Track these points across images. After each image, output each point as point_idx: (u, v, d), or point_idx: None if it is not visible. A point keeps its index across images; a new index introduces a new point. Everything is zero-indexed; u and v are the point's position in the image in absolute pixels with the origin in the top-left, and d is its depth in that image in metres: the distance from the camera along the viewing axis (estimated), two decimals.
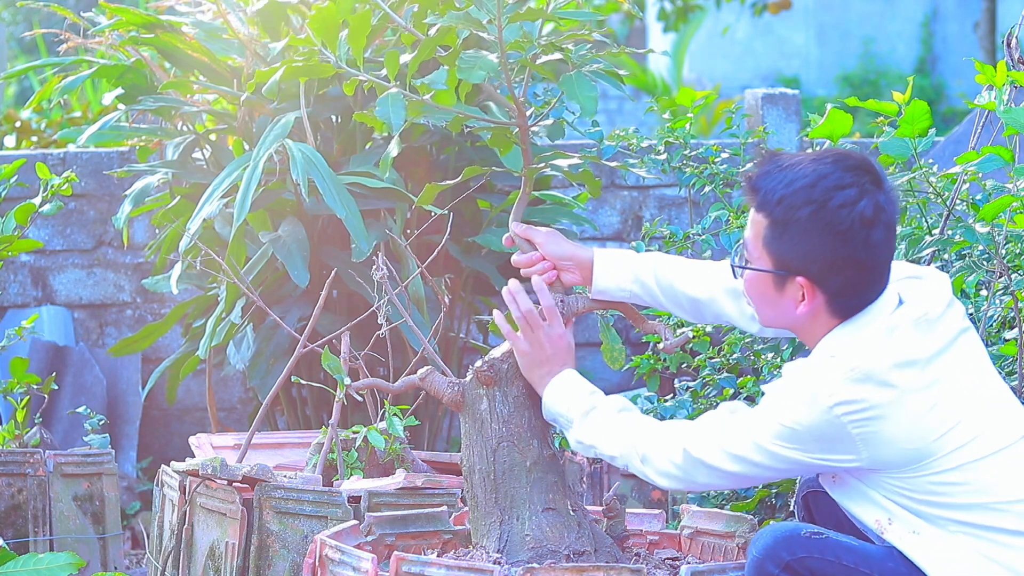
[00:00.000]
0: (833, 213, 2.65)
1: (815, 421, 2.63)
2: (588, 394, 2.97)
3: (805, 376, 2.67)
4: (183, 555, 3.68)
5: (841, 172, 2.68)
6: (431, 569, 2.89)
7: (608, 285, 3.08)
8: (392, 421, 3.80)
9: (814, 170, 2.69)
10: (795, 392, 2.66)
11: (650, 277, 3.07)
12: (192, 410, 5.87)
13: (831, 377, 2.63)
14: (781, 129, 5.86)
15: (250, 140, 4.70)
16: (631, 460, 2.86)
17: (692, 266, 3.09)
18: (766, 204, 2.71)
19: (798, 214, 2.67)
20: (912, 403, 2.63)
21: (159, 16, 4.68)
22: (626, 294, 3.10)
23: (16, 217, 4.23)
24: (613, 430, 2.90)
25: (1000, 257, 3.50)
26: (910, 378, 2.63)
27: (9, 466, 4.22)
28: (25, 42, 17.45)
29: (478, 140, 4.73)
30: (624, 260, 3.09)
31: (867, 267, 2.68)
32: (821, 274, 2.69)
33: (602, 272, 3.08)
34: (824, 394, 2.62)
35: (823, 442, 2.65)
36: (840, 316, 2.72)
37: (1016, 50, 3.90)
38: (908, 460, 2.64)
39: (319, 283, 4.39)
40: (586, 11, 3.10)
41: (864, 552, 2.71)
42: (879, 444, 2.63)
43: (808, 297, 2.71)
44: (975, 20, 13.81)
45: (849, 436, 2.63)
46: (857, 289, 2.70)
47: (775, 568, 2.70)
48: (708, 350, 4.13)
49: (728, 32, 15.38)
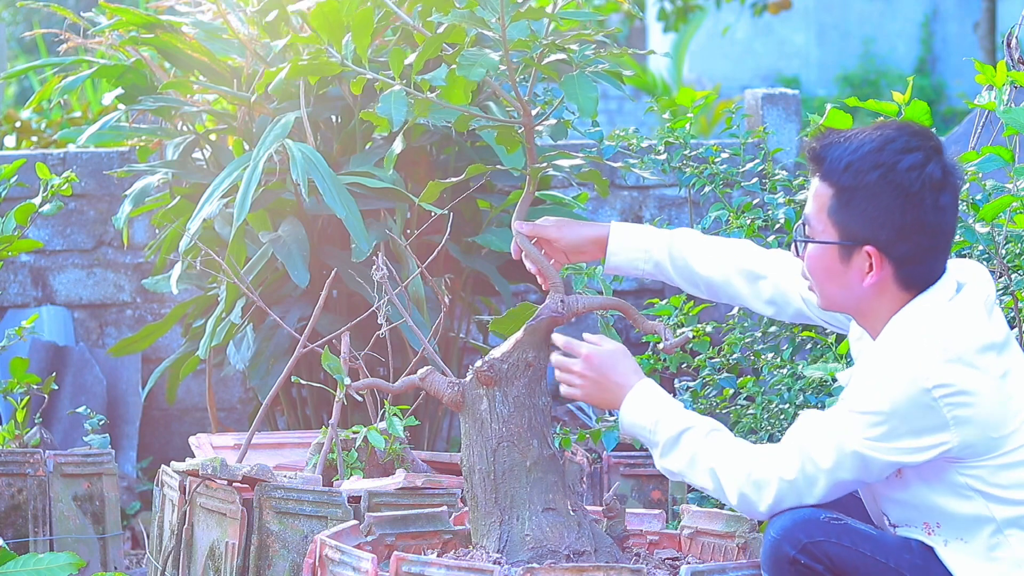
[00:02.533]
0: (903, 175, 2.65)
1: (913, 404, 2.61)
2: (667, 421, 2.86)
3: (901, 359, 2.63)
4: (183, 555, 3.68)
5: (907, 136, 2.68)
6: (431, 569, 2.89)
7: (621, 262, 3.08)
8: (392, 421, 3.80)
9: (880, 134, 2.68)
10: (892, 376, 2.62)
11: (664, 256, 3.05)
12: (192, 410, 5.87)
13: (929, 358, 2.60)
14: (781, 129, 5.86)
15: (250, 140, 4.70)
16: (722, 496, 2.79)
17: (709, 245, 3.06)
18: (832, 172, 2.70)
19: (867, 179, 2.66)
20: (995, 386, 2.63)
21: (159, 16, 4.68)
22: (639, 272, 3.09)
23: (16, 217, 4.23)
24: (696, 468, 2.81)
25: (1000, 257, 3.50)
26: (992, 362, 2.64)
27: (9, 466, 4.22)
28: (25, 42, 17.45)
29: (478, 140, 4.73)
30: (639, 238, 3.07)
31: (936, 232, 2.67)
32: (890, 241, 2.67)
33: (616, 249, 3.07)
34: (923, 376, 2.60)
35: (917, 427, 2.62)
36: (908, 288, 2.70)
37: (1016, 50, 3.90)
38: (988, 447, 2.64)
39: (319, 283, 4.39)
40: (586, 11, 3.10)
41: (882, 541, 2.71)
42: (969, 425, 2.62)
43: (876, 267, 2.69)
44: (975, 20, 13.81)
45: (944, 419, 2.61)
46: (925, 257, 2.68)
47: (792, 549, 2.69)
48: (708, 350, 4.13)
49: (728, 32, 15.37)
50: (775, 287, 3.07)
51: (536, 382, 3.08)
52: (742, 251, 3.08)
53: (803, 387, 3.91)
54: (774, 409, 3.97)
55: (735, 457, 2.76)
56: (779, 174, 4.42)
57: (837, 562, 2.68)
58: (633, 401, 2.90)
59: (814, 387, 3.89)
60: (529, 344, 3.07)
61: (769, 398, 3.98)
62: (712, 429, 2.82)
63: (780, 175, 4.41)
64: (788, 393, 3.92)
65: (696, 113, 4.66)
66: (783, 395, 3.93)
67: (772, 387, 3.99)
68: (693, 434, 2.81)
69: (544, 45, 3.00)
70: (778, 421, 3.96)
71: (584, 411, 5.15)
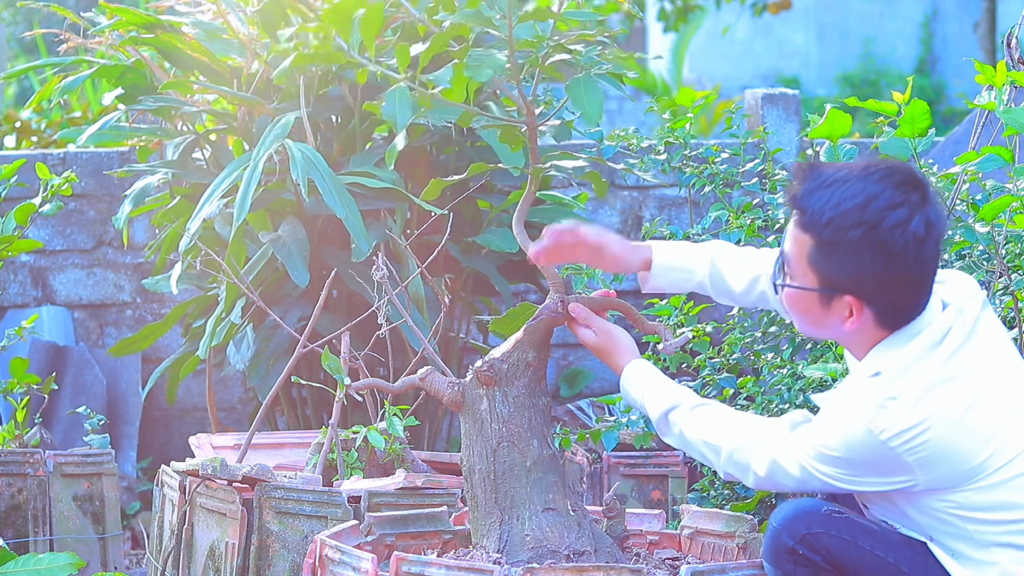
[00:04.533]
0: (886, 234, 2.61)
1: (870, 453, 2.63)
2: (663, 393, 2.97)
3: (857, 408, 2.64)
4: (183, 555, 3.68)
5: (891, 190, 2.63)
6: (431, 569, 2.89)
7: (664, 285, 3.06)
8: (392, 421, 3.80)
9: (863, 189, 2.63)
10: (848, 425, 2.64)
11: (706, 276, 3.03)
12: (192, 410, 5.87)
13: (887, 408, 2.61)
14: (781, 129, 5.86)
15: (250, 140, 4.70)
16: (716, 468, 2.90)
17: (743, 261, 3.03)
18: (813, 225, 2.66)
19: (848, 235, 2.63)
20: (958, 421, 2.62)
21: (159, 16, 4.68)
22: (680, 291, 3.09)
23: (16, 217, 4.23)
24: (687, 445, 2.92)
25: (1000, 257, 3.50)
26: (955, 396, 2.63)
27: (9, 466, 4.22)
28: (25, 42, 17.45)
29: (478, 140, 4.73)
30: (685, 263, 3.03)
31: (917, 283, 2.66)
32: (871, 293, 2.66)
33: (660, 274, 3.04)
34: (879, 427, 2.61)
35: (878, 470, 2.65)
36: (889, 328, 2.70)
37: (1016, 50, 3.90)
38: (958, 478, 2.64)
39: (319, 283, 4.39)
40: (588, 11, 3.10)
41: (883, 536, 2.72)
42: (934, 464, 2.63)
43: (856, 314, 2.68)
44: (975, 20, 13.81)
45: (905, 463, 2.63)
46: (906, 304, 2.68)
47: (791, 540, 2.71)
48: (708, 350, 4.13)
49: (728, 32, 15.37)
50: None
51: (536, 382, 3.08)
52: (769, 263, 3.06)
53: (803, 387, 3.91)
54: (774, 409, 3.97)
55: (719, 436, 2.85)
56: (779, 174, 4.42)
57: (835, 554, 2.70)
58: (626, 380, 3.02)
59: (814, 387, 3.89)
60: (529, 344, 3.07)
61: (769, 398, 3.98)
62: (695, 405, 2.91)
63: (780, 175, 4.41)
64: (788, 393, 3.92)
65: (696, 113, 4.66)
66: (783, 395, 3.93)
67: (772, 387, 3.99)
68: (679, 413, 2.91)
69: (550, 46, 3.00)
70: None
71: (584, 411, 5.15)
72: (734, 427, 2.84)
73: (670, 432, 2.93)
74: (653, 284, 3.06)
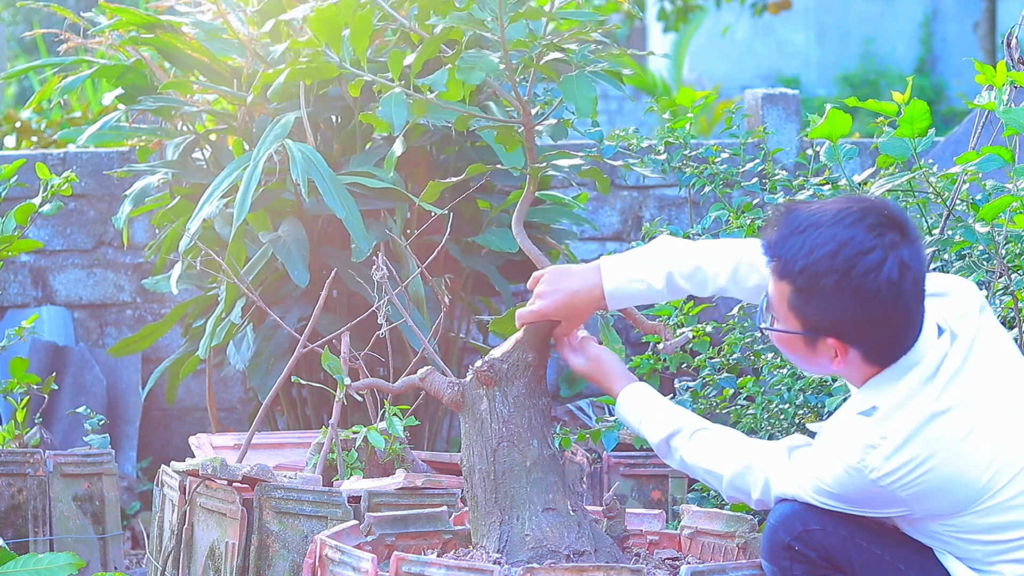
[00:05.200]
0: (859, 280, 2.60)
1: (863, 492, 2.65)
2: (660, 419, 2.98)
3: (848, 447, 2.65)
4: (183, 555, 3.68)
5: (863, 234, 2.60)
6: (431, 569, 2.89)
7: (624, 296, 3.00)
8: (392, 421, 3.80)
9: (833, 235, 2.61)
10: (839, 463, 2.66)
11: (663, 277, 2.95)
12: (192, 410, 5.87)
13: (874, 452, 2.62)
14: (781, 129, 5.86)
15: (250, 140, 4.70)
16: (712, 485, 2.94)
17: (709, 250, 2.95)
18: (787, 273, 2.65)
19: (822, 282, 2.62)
20: (956, 452, 2.62)
21: (159, 16, 4.68)
22: (650, 299, 3.01)
23: (16, 217, 4.23)
24: (689, 469, 2.95)
25: (1000, 257, 3.50)
26: (949, 427, 2.63)
27: (9, 466, 4.22)
28: (25, 42, 17.45)
29: (478, 140, 4.73)
30: (632, 269, 2.95)
31: (898, 323, 2.64)
32: (853, 335, 2.65)
33: (613, 289, 2.97)
34: (870, 468, 2.62)
35: (872, 504, 2.67)
36: (879, 364, 2.69)
37: (1016, 50, 3.90)
38: (959, 505, 2.65)
39: (319, 283, 4.39)
40: (586, 11, 3.10)
41: (881, 534, 2.73)
42: (929, 497, 2.63)
43: (841, 355, 2.68)
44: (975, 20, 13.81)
45: (899, 498, 2.64)
46: (892, 341, 2.67)
47: (787, 536, 2.72)
48: (708, 350, 4.13)
49: (728, 32, 15.38)
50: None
51: (536, 382, 3.08)
52: (746, 247, 3.00)
53: (803, 387, 3.91)
54: (774, 409, 3.96)
55: (718, 462, 2.88)
56: (779, 174, 4.42)
57: (831, 551, 2.71)
58: (621, 406, 3.03)
59: (814, 387, 3.89)
60: (529, 344, 3.07)
61: (769, 398, 3.97)
62: (694, 431, 2.93)
63: (780, 175, 4.41)
64: (788, 393, 3.92)
65: (696, 113, 4.66)
66: (783, 395, 3.93)
67: (772, 387, 3.99)
68: (679, 439, 2.94)
69: (543, 45, 3.00)
70: (778, 421, 3.96)
71: (584, 411, 5.15)
72: (733, 453, 2.87)
73: (671, 457, 2.96)
74: (613, 304, 2.98)
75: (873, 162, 3.86)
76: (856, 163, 5.72)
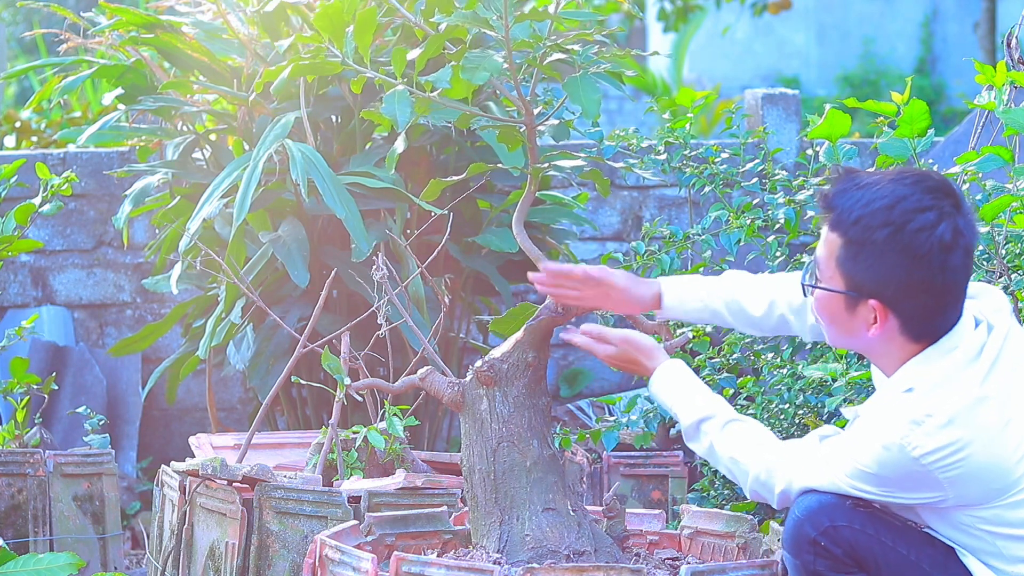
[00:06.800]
0: (911, 236, 2.61)
1: (902, 470, 2.64)
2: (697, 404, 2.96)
3: (890, 424, 2.64)
4: (183, 555, 3.68)
5: (921, 194, 2.63)
6: (431, 569, 2.89)
7: (679, 316, 3.06)
8: (392, 421, 3.80)
9: (892, 191, 2.64)
10: (881, 441, 2.65)
11: (723, 307, 3.03)
12: (192, 410, 5.87)
13: (921, 425, 2.61)
14: (781, 129, 5.86)
15: (250, 140, 4.70)
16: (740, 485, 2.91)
17: (759, 286, 3.03)
18: (841, 223, 2.67)
19: (875, 236, 2.63)
20: (993, 440, 2.62)
21: (159, 16, 4.68)
22: (698, 322, 3.08)
23: (16, 217, 4.23)
24: (714, 458, 2.93)
25: (1000, 257, 3.50)
26: (990, 415, 2.63)
27: (9, 466, 4.22)
28: (25, 42, 17.45)
29: (478, 140, 4.73)
30: (696, 295, 3.03)
31: (942, 292, 2.65)
32: (895, 297, 2.65)
33: (673, 307, 3.04)
34: (912, 445, 2.61)
35: (907, 486, 2.66)
36: (916, 340, 2.69)
37: (1016, 50, 3.90)
38: (990, 495, 2.65)
39: (319, 283, 4.39)
40: (587, 11, 3.11)
41: (905, 532, 2.72)
42: (964, 482, 2.63)
43: (880, 320, 2.68)
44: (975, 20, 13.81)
45: (937, 480, 2.63)
46: (932, 314, 2.67)
47: (813, 531, 2.71)
48: (708, 350, 4.13)
49: (728, 32, 15.37)
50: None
51: (536, 382, 3.09)
52: (787, 287, 3.05)
53: (803, 387, 3.91)
54: (774, 409, 3.97)
55: (748, 456, 2.85)
56: (779, 174, 4.42)
57: (856, 548, 2.70)
58: (656, 384, 2.99)
59: (814, 387, 3.89)
60: (529, 344, 3.07)
61: (769, 398, 3.98)
62: (728, 420, 2.90)
63: (780, 175, 4.41)
64: (788, 393, 3.92)
65: (696, 113, 4.66)
66: (783, 395, 3.93)
67: (772, 387, 3.99)
68: (711, 425, 2.91)
69: (547, 46, 3.00)
70: (778, 421, 3.96)
71: (584, 411, 5.15)
72: (763, 450, 2.85)
73: (698, 441, 2.93)
74: (667, 316, 3.06)
75: (873, 162, 3.86)
76: (856, 163, 5.72)
